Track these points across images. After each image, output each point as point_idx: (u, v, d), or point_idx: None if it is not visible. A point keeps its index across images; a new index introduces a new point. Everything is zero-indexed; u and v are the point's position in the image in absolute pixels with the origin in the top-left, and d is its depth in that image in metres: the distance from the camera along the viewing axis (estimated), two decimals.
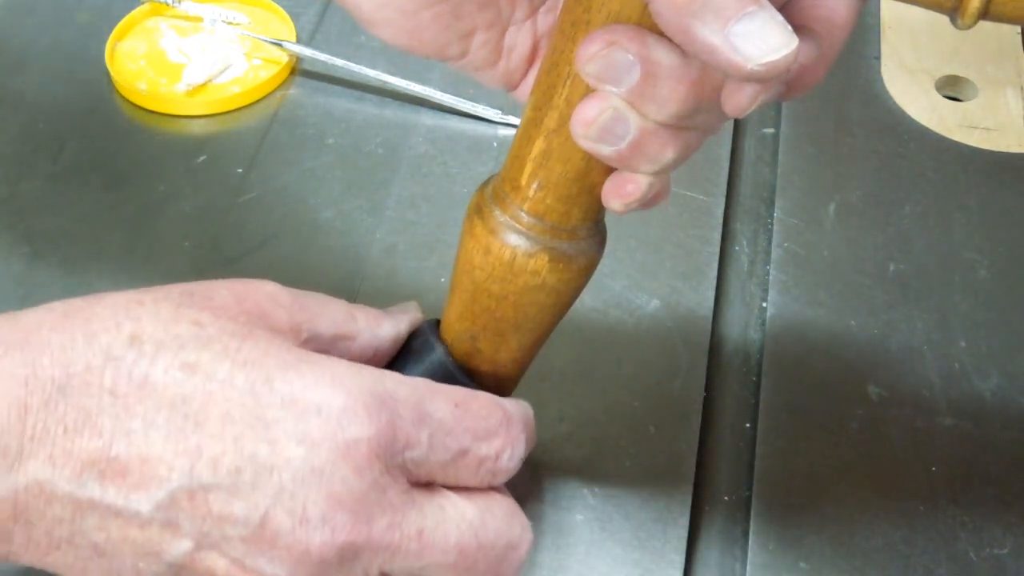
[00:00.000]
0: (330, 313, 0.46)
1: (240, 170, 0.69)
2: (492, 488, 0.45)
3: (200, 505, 0.40)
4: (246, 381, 0.40)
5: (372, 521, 0.41)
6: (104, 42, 0.75)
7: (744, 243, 0.67)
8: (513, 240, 0.44)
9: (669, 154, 0.40)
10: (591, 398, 0.58)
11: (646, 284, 0.63)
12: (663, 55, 0.37)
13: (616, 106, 0.39)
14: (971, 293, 0.64)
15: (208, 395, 0.40)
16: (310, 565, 0.40)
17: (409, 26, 0.44)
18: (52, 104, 0.73)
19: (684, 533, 0.53)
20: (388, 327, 0.48)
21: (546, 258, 0.44)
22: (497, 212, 0.44)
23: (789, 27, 0.35)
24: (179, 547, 0.40)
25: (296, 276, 0.63)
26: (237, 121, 0.72)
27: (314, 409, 0.40)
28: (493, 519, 0.44)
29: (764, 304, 0.63)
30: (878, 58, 0.77)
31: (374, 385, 0.42)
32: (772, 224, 0.67)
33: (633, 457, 0.56)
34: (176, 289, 0.43)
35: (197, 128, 0.72)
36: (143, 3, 0.78)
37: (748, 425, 0.58)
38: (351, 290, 0.63)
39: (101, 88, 0.74)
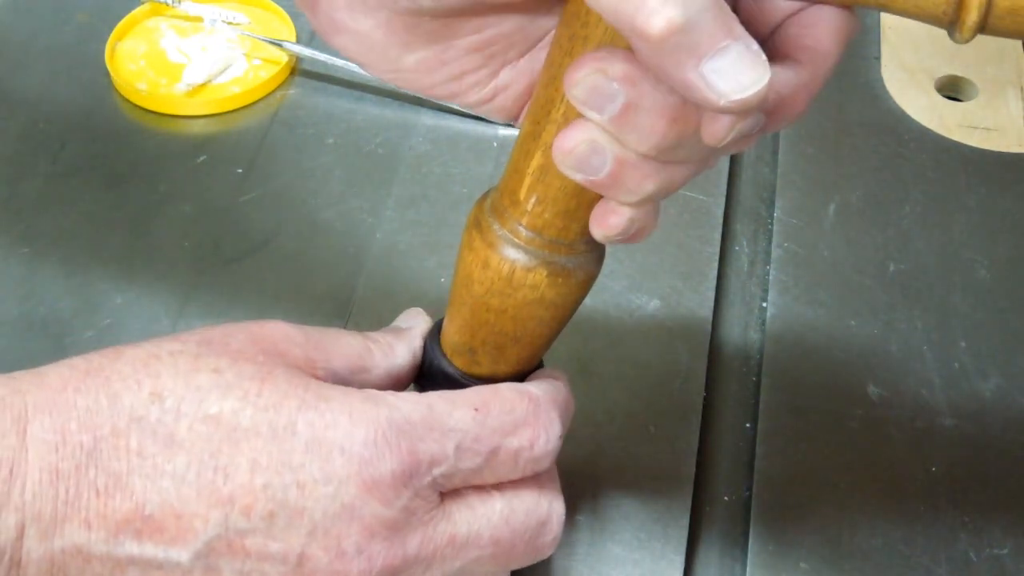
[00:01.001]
0: (344, 349, 0.47)
1: (240, 170, 0.69)
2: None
3: (238, 549, 0.41)
4: (269, 428, 0.41)
5: (406, 543, 0.42)
6: (104, 42, 0.75)
7: (744, 243, 0.67)
8: (512, 254, 0.43)
9: (649, 186, 0.40)
10: (591, 398, 0.58)
11: (646, 284, 0.63)
12: (648, 86, 0.37)
13: (594, 138, 0.38)
14: (971, 293, 0.64)
15: (234, 445, 0.41)
16: None
17: (392, 69, 0.43)
18: (52, 104, 0.73)
19: (684, 533, 0.53)
20: (403, 351, 0.48)
21: (544, 272, 0.43)
22: (496, 226, 0.44)
23: (763, 59, 0.34)
24: None
25: (296, 276, 0.64)
26: (237, 121, 0.72)
27: (337, 449, 0.41)
28: (521, 503, 0.45)
29: (764, 304, 0.63)
30: (878, 58, 0.77)
31: (391, 414, 0.42)
32: (772, 224, 0.67)
33: (633, 457, 0.56)
34: (194, 338, 0.44)
35: (197, 128, 0.72)
36: (143, 3, 0.78)
37: (748, 425, 0.58)
38: (351, 290, 0.63)
39: (101, 88, 0.74)
